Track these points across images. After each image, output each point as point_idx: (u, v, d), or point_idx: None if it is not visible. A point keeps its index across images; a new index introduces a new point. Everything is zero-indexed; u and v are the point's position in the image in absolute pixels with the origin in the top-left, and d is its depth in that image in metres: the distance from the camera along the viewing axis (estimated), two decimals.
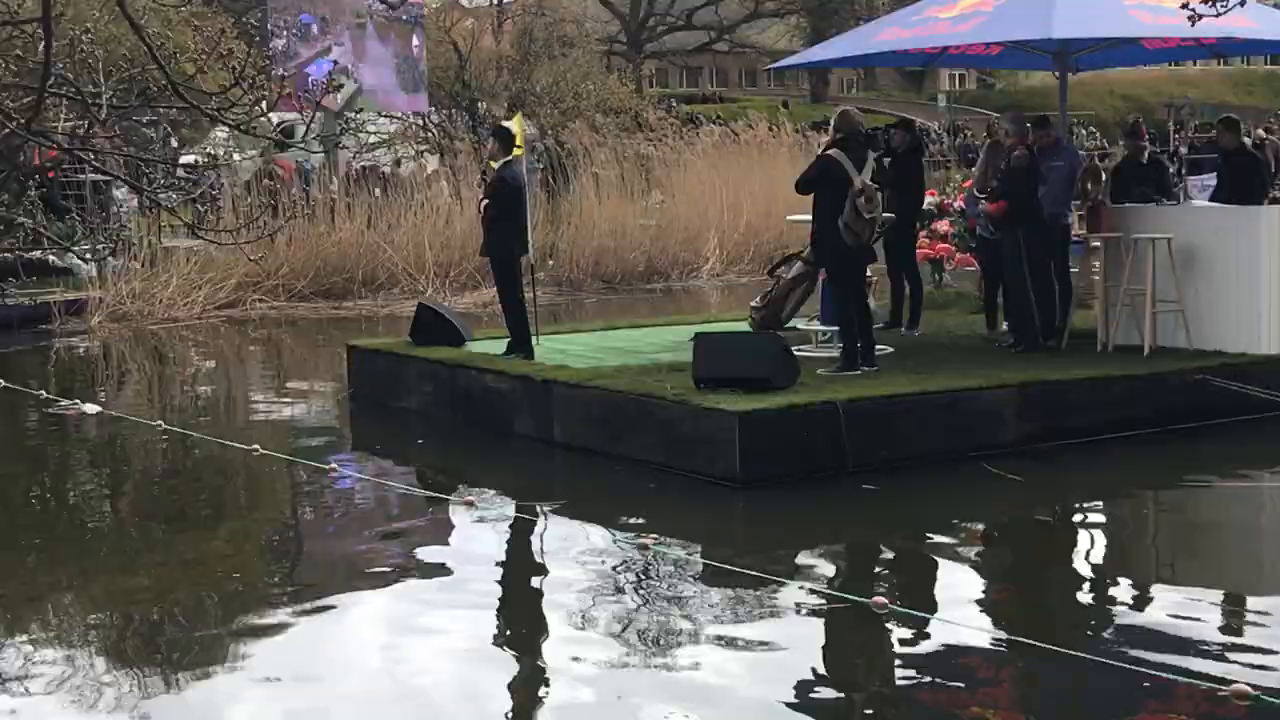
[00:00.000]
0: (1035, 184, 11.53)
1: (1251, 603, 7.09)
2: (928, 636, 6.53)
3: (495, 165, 11.86)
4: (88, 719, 5.73)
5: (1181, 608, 6.89)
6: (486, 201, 11.77)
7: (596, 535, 8.38)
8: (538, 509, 9.06)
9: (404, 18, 26.49)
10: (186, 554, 8.27)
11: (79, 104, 7.37)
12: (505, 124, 12.91)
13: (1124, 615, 6.91)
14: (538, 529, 8.75)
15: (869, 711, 5.79)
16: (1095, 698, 5.72)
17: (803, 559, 7.99)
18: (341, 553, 8.32)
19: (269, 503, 9.93)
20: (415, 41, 26.71)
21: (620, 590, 7.30)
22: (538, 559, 8.25)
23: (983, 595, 7.33)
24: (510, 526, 8.76)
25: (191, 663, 6.33)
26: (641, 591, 7.32)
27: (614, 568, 7.69)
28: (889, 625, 6.62)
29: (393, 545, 8.43)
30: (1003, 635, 6.54)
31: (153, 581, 7.74)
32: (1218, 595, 7.24)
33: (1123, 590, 7.44)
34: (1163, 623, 6.65)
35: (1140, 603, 7.17)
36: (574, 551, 8.05)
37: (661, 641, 6.49)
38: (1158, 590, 7.39)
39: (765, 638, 6.53)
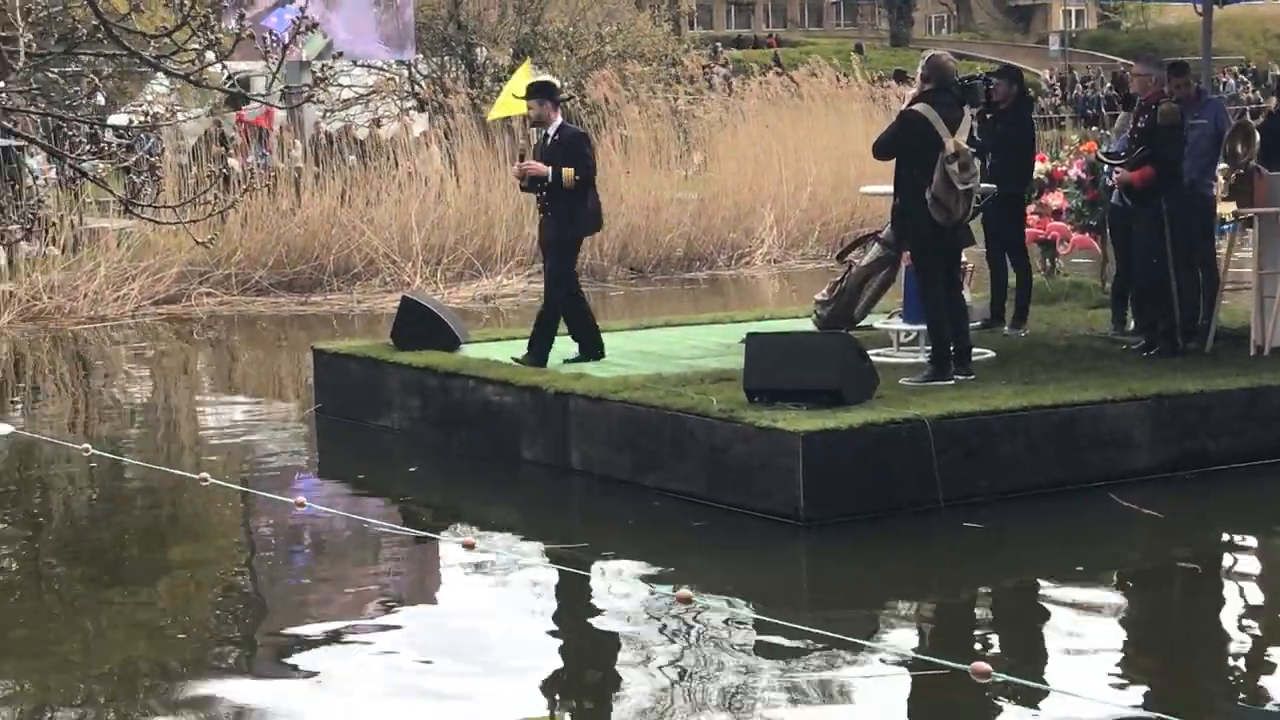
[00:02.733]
0: (1183, 145, 11.52)
1: None
2: (1041, 712, 6.48)
3: (551, 130, 11.64)
4: None
5: None
6: (564, 173, 11.31)
7: (624, 586, 8.36)
8: (551, 553, 9.06)
9: None
10: (119, 614, 8.28)
11: None
12: (541, 77, 12.62)
13: None
14: (551, 578, 8.74)
15: None
16: None
17: (884, 616, 7.95)
18: (312, 608, 8.32)
19: (221, 546, 9.94)
20: None
21: (653, 656, 7.28)
22: (552, 616, 8.24)
23: (1111, 661, 7.29)
24: (518, 575, 8.75)
25: None
26: (682, 658, 7.30)
27: (646, 628, 7.67)
28: (993, 698, 6.58)
29: (375, 598, 8.44)
30: (1138, 712, 6.49)
31: (77, 650, 7.74)
32: None
33: None
34: None
35: None
36: (596, 607, 8.04)
37: None
38: None
39: (836, 716, 6.47)
